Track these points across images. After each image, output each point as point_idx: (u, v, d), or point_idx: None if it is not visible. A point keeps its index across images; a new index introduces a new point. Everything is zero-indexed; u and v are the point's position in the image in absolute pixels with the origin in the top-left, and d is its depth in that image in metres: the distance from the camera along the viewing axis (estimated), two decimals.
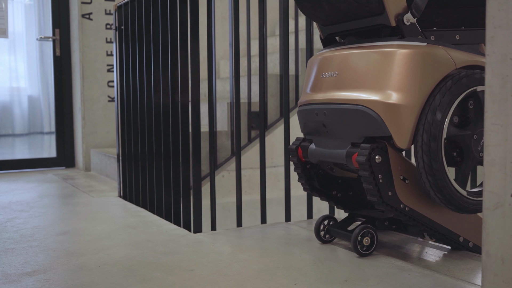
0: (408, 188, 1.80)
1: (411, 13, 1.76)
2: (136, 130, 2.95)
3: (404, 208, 1.79)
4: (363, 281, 1.66)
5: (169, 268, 1.81)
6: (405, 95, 1.71)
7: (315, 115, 1.93)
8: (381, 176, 1.74)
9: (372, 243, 1.91)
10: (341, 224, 2.06)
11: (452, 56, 1.78)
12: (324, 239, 2.09)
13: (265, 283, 1.64)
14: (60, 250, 2.05)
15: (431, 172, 1.71)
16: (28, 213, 2.77)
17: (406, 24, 1.76)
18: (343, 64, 1.86)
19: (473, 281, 1.66)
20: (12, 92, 4.70)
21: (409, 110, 1.71)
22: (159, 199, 2.69)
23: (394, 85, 1.72)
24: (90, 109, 4.57)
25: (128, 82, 3.04)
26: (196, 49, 2.35)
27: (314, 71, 1.99)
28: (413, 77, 1.71)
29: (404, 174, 1.79)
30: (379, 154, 1.73)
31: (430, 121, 1.70)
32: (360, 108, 1.75)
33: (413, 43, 1.75)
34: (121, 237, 2.24)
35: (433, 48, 1.75)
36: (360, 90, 1.78)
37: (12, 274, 1.77)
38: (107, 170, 4.12)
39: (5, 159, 4.65)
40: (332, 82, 1.89)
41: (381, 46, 1.79)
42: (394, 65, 1.73)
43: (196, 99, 2.36)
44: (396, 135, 1.72)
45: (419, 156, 1.72)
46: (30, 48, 4.73)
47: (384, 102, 1.71)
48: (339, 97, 1.83)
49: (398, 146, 1.73)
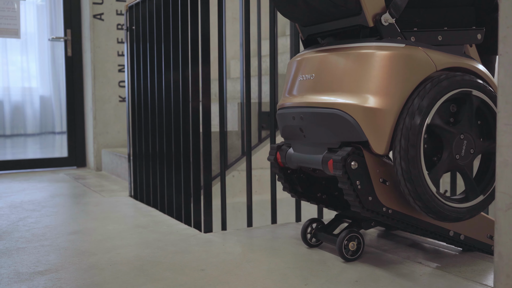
0: (390, 190, 1.73)
1: (389, 13, 1.69)
2: (147, 130, 2.96)
3: (388, 211, 1.73)
4: (374, 281, 1.65)
5: (179, 267, 1.81)
6: (382, 98, 1.64)
7: (292, 119, 1.88)
8: (359, 182, 1.67)
9: (359, 247, 1.85)
10: (328, 227, 2.00)
11: (432, 57, 1.71)
12: (311, 243, 2.03)
13: (276, 283, 1.64)
14: (72, 249, 2.06)
15: (410, 179, 1.64)
16: (40, 212, 2.79)
17: (384, 24, 1.69)
18: (320, 66, 1.80)
19: (485, 282, 1.65)
20: (24, 92, 4.73)
21: (386, 115, 1.64)
22: (169, 199, 2.70)
23: (370, 88, 1.66)
24: (101, 109, 4.59)
25: (139, 82, 3.05)
26: (207, 49, 2.36)
27: (292, 74, 1.94)
28: (391, 80, 1.65)
29: (383, 177, 1.72)
30: (355, 160, 1.67)
31: (408, 126, 1.62)
32: (336, 112, 1.70)
33: (391, 44, 1.68)
34: (132, 237, 2.25)
35: (412, 49, 1.69)
36: (336, 93, 1.72)
37: (24, 273, 1.78)
38: (118, 170, 4.14)
39: (17, 158, 4.68)
40: (309, 85, 1.83)
41: (358, 47, 1.72)
42: (370, 67, 1.67)
43: (206, 99, 2.36)
44: (372, 140, 1.65)
45: (397, 163, 1.65)
46: (42, 49, 4.76)
47: (360, 106, 1.65)
48: (316, 100, 1.77)
49: (375, 152, 1.67)
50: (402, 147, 1.63)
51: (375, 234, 2.23)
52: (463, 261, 1.85)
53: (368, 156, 1.69)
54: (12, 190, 3.54)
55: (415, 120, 1.62)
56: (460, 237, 1.87)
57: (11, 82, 4.66)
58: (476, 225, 1.89)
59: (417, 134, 1.63)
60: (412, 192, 1.66)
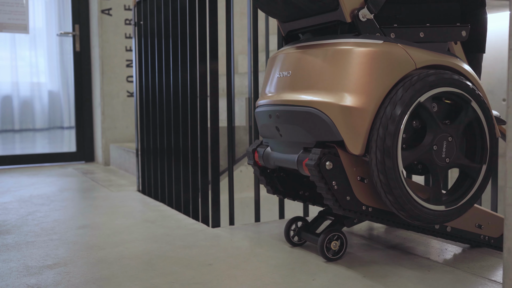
0: (368, 187, 1.68)
1: (367, 8, 1.63)
2: (155, 125, 2.97)
3: (368, 210, 1.69)
4: (382, 277, 1.65)
5: (187, 262, 1.82)
6: (358, 97, 1.58)
7: (268, 118, 1.83)
8: (335, 182, 1.62)
9: (342, 246, 1.80)
10: (311, 226, 1.95)
11: (412, 55, 1.63)
12: (295, 242, 1.98)
13: (283, 278, 1.64)
14: (80, 244, 2.07)
15: (383, 170, 1.57)
16: (48, 206, 2.81)
17: (362, 20, 1.63)
18: (297, 63, 1.75)
19: (493, 278, 1.64)
20: (32, 87, 4.75)
21: (362, 113, 1.58)
22: (177, 194, 2.71)
23: (346, 86, 1.60)
24: (109, 104, 4.60)
25: (147, 77, 3.06)
26: (215, 44, 2.36)
27: (271, 71, 1.89)
28: (367, 78, 1.59)
29: (361, 174, 1.67)
30: (329, 160, 1.61)
31: (388, 115, 1.56)
32: (311, 110, 1.64)
33: (368, 40, 1.62)
34: (140, 231, 2.26)
35: (390, 46, 1.62)
36: (312, 91, 1.67)
37: (33, 266, 1.79)
38: (126, 165, 4.15)
39: (26, 153, 4.70)
40: (285, 83, 1.78)
41: (335, 44, 1.66)
42: (346, 65, 1.61)
43: (214, 95, 2.36)
44: (348, 140, 1.59)
45: (373, 152, 1.58)
46: (50, 44, 4.78)
47: (335, 104, 1.59)
48: (291, 98, 1.72)
49: (350, 152, 1.61)
50: (379, 160, 1.57)
51: (382, 230, 2.23)
52: (472, 257, 1.85)
53: (344, 155, 1.64)
54: (21, 185, 3.56)
55: (395, 110, 1.56)
56: (447, 229, 1.82)
57: (20, 77, 4.68)
58: (463, 215, 1.83)
59: (397, 124, 1.56)
60: (394, 203, 1.60)
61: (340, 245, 1.80)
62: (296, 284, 1.59)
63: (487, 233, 1.90)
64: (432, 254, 1.90)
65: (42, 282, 1.63)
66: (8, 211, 2.70)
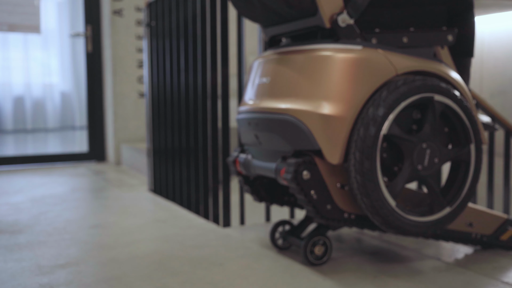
0: (350, 194, 1.63)
1: (347, 13, 1.58)
2: (166, 125, 2.98)
3: (350, 217, 1.64)
4: (393, 277, 1.64)
5: (198, 262, 1.82)
6: (336, 105, 1.53)
7: (248, 125, 1.79)
8: (314, 192, 1.58)
9: (326, 250, 1.75)
10: (296, 229, 1.90)
11: (393, 61, 1.58)
12: (281, 246, 1.93)
13: (294, 277, 1.64)
14: (92, 243, 2.08)
15: (366, 193, 1.53)
16: (60, 206, 2.82)
17: (342, 25, 1.58)
18: (275, 70, 1.71)
19: (506, 279, 1.63)
20: (45, 88, 4.79)
21: (340, 122, 1.53)
22: (188, 194, 2.71)
23: (324, 93, 1.55)
24: (121, 104, 4.62)
25: (158, 78, 3.07)
26: (225, 45, 2.36)
27: (251, 76, 1.85)
28: (345, 85, 1.54)
29: (342, 181, 1.62)
30: (307, 169, 1.57)
31: (362, 137, 1.51)
32: (288, 118, 1.60)
33: (347, 46, 1.57)
34: (151, 231, 2.27)
35: (370, 52, 1.57)
36: (290, 99, 1.63)
37: (45, 266, 1.80)
38: (138, 165, 4.17)
39: (38, 153, 4.74)
40: (264, 89, 1.74)
41: (313, 50, 1.62)
42: (324, 71, 1.57)
43: (225, 95, 2.37)
44: (326, 149, 1.54)
45: (353, 177, 1.55)
46: (62, 44, 4.81)
47: (313, 112, 1.55)
48: (270, 105, 1.69)
49: (328, 161, 1.56)
50: (357, 160, 1.53)
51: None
52: (484, 258, 1.83)
53: (322, 164, 1.60)
54: (33, 184, 3.59)
55: (369, 131, 1.51)
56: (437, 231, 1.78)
57: (32, 78, 4.72)
58: None
59: (372, 146, 1.52)
60: (370, 207, 1.55)
61: (325, 249, 1.75)
62: (307, 284, 1.59)
63: (479, 231, 1.86)
64: (444, 255, 1.89)
65: (54, 281, 1.64)
66: (21, 210, 2.72)
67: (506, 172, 3.22)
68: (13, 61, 4.64)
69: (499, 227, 1.89)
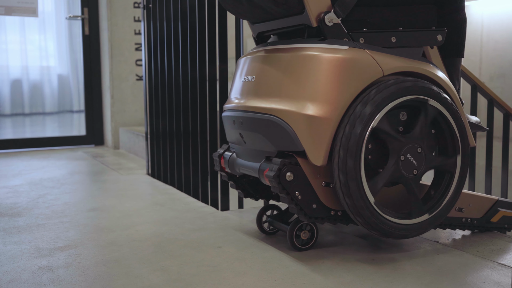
0: (335, 192, 1.60)
1: (334, 12, 1.55)
2: (164, 108, 2.97)
3: (337, 214, 1.63)
4: (391, 260, 1.65)
5: (197, 245, 1.83)
6: (320, 105, 1.51)
7: (232, 123, 1.77)
8: (299, 193, 1.56)
9: (312, 235, 1.73)
10: (284, 214, 1.89)
11: (380, 61, 1.56)
12: (268, 230, 1.92)
13: (292, 260, 1.65)
14: (91, 226, 2.09)
15: (348, 193, 1.51)
16: (59, 189, 2.83)
17: (328, 24, 1.55)
18: (260, 68, 1.68)
19: (503, 262, 1.64)
20: (42, 71, 4.76)
21: (324, 123, 1.51)
22: (187, 177, 2.72)
23: (308, 94, 1.52)
24: (119, 87, 4.60)
25: (156, 61, 3.05)
26: (224, 27, 2.34)
27: (237, 74, 1.83)
28: (330, 85, 1.51)
29: (326, 179, 1.60)
30: (290, 170, 1.55)
31: (348, 135, 1.49)
32: (272, 118, 1.57)
33: (333, 46, 1.54)
34: (149, 214, 2.27)
35: (356, 52, 1.54)
36: (274, 98, 1.60)
37: (44, 248, 1.81)
38: (136, 148, 4.16)
39: (36, 137, 4.73)
40: (249, 88, 1.72)
41: (298, 49, 1.59)
42: (309, 71, 1.54)
43: (224, 78, 2.36)
44: (309, 150, 1.52)
45: (336, 175, 1.53)
46: (59, 27, 4.77)
47: (297, 113, 1.52)
48: (254, 105, 1.66)
49: (312, 163, 1.54)
50: (341, 159, 1.51)
51: None
52: (481, 241, 1.84)
53: (306, 164, 1.57)
54: (31, 168, 3.59)
55: (355, 129, 1.49)
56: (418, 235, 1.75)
57: (29, 61, 4.69)
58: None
59: (357, 144, 1.49)
60: (351, 207, 1.54)
61: (311, 234, 1.73)
62: (306, 266, 1.60)
63: (469, 215, 1.85)
64: (441, 238, 1.89)
65: (53, 264, 1.65)
66: (19, 194, 2.72)
67: (504, 155, 3.22)
68: (10, 44, 4.61)
69: (489, 209, 1.89)
